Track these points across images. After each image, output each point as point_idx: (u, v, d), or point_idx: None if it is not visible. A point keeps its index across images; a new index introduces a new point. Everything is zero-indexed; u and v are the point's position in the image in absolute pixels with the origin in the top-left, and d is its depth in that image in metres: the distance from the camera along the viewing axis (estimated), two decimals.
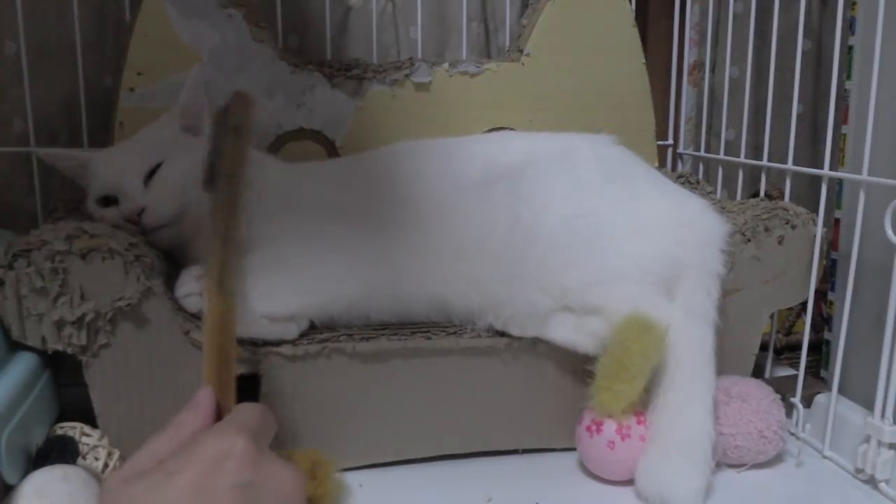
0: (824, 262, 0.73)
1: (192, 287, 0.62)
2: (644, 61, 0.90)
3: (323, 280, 0.65)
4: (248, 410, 0.45)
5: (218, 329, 0.49)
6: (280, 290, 0.63)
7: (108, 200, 0.68)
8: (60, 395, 0.63)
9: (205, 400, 0.46)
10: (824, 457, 0.70)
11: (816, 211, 0.71)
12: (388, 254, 0.67)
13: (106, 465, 0.58)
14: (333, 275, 0.65)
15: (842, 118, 0.79)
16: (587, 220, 0.66)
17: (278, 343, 0.63)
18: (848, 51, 0.79)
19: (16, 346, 0.59)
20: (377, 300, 0.67)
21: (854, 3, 0.79)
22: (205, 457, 0.39)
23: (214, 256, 0.51)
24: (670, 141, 1.03)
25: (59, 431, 0.59)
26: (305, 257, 0.65)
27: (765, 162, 0.81)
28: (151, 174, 0.68)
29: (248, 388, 0.64)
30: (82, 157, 0.71)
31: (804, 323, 0.73)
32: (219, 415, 0.46)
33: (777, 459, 0.69)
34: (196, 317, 0.62)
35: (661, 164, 0.99)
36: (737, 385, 0.68)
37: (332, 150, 0.84)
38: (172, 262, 0.68)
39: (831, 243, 0.81)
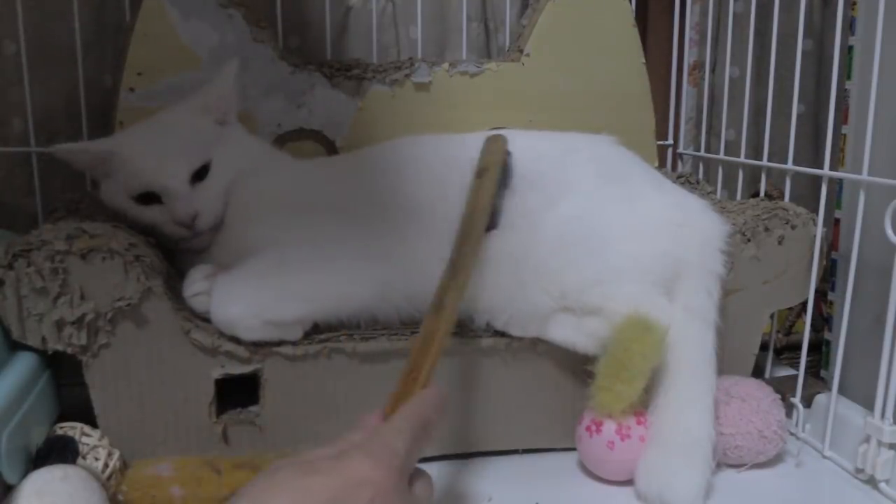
0: (824, 262, 0.72)
1: (200, 286, 0.62)
2: (644, 61, 0.90)
3: (330, 286, 0.64)
4: (407, 423, 0.46)
5: (424, 339, 0.53)
6: (287, 297, 0.62)
7: (149, 198, 0.66)
8: (60, 395, 0.63)
9: (371, 424, 0.48)
10: (824, 457, 0.70)
11: (816, 211, 0.71)
12: (394, 253, 0.66)
13: (106, 465, 0.58)
14: (340, 278, 0.64)
15: (842, 118, 0.79)
16: (586, 220, 0.66)
17: (278, 343, 0.63)
18: (848, 51, 0.79)
19: (16, 346, 0.59)
20: (384, 301, 0.66)
21: (854, 3, 0.79)
22: (350, 474, 0.41)
23: (443, 279, 0.57)
24: (670, 141, 1.03)
25: (59, 431, 0.59)
26: (312, 262, 0.64)
27: (765, 162, 0.81)
28: (196, 173, 0.67)
29: (249, 388, 0.64)
30: (103, 150, 0.68)
31: (804, 323, 0.73)
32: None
33: (777, 459, 0.69)
34: (198, 316, 0.62)
35: (661, 164, 0.99)
36: (737, 385, 0.68)
37: (332, 150, 0.84)
38: (172, 262, 0.68)
39: (831, 243, 0.81)
